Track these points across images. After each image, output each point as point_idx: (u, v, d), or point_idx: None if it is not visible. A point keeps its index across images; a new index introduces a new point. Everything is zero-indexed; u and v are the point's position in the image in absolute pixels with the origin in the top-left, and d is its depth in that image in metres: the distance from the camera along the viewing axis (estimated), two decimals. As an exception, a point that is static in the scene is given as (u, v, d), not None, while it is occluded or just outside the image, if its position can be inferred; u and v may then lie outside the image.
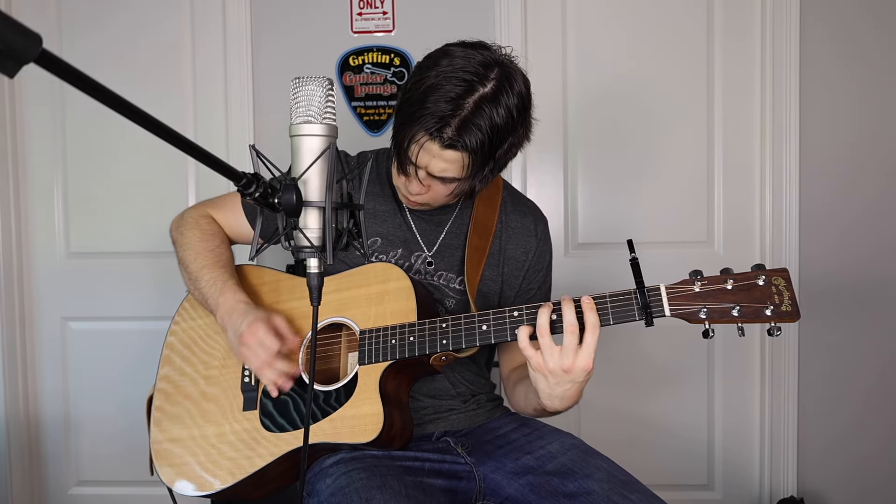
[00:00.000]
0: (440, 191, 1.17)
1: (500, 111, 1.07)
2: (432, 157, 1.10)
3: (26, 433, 2.26)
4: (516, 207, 1.36)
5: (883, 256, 2.09)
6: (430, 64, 1.10)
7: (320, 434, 1.13)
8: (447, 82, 1.06)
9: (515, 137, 1.13)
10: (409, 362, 1.16)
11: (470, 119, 1.06)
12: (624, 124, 2.14)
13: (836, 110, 2.08)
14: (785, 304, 0.97)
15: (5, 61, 0.43)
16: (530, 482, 1.14)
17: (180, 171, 2.19)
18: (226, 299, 1.20)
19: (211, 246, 1.29)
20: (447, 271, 1.29)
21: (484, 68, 1.07)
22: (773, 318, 0.97)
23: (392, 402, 1.14)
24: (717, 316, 0.99)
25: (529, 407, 1.22)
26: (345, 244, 0.83)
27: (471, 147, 1.07)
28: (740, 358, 2.17)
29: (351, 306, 1.21)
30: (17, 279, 2.22)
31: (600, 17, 2.12)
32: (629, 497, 1.06)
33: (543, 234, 1.36)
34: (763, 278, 0.99)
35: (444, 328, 1.12)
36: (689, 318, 1.00)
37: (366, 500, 1.01)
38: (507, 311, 1.09)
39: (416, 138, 1.09)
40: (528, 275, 1.34)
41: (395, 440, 1.15)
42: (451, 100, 1.05)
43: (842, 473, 2.15)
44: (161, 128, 0.58)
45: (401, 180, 1.19)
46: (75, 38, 2.19)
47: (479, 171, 1.12)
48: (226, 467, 1.18)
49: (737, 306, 0.98)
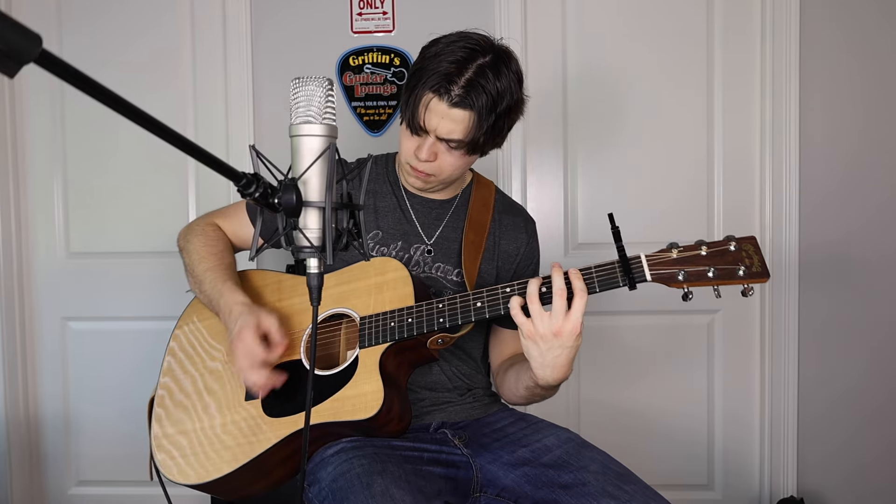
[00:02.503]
0: (446, 160, 1.23)
1: (500, 78, 1.17)
2: (441, 118, 1.17)
3: (26, 433, 2.26)
4: (507, 209, 1.44)
5: (883, 256, 2.09)
6: (432, 42, 1.22)
7: (323, 414, 1.15)
8: (449, 50, 1.17)
9: (514, 102, 1.21)
10: (407, 345, 1.20)
11: (474, 79, 1.15)
12: (624, 124, 2.14)
13: (837, 102, 2.08)
14: (755, 265, 1.06)
15: (5, 61, 0.43)
16: (526, 473, 1.16)
17: (180, 171, 2.20)
18: (225, 301, 1.24)
19: (214, 250, 1.35)
20: (444, 263, 1.34)
21: (482, 43, 1.19)
22: (745, 279, 1.06)
23: (392, 384, 1.17)
24: (694, 278, 1.07)
25: (521, 387, 1.25)
26: (344, 244, 0.83)
27: (477, 106, 1.15)
28: (740, 358, 2.17)
29: (351, 297, 1.25)
30: (17, 279, 2.22)
31: (600, 19, 2.12)
32: (624, 488, 1.08)
33: (532, 232, 1.45)
34: (734, 244, 1.07)
35: (441, 308, 1.17)
36: (668, 281, 1.08)
37: (366, 484, 1.03)
38: (500, 288, 1.15)
39: (424, 100, 1.16)
40: (519, 268, 1.42)
41: (394, 422, 1.17)
42: (455, 62, 1.15)
43: (842, 473, 2.15)
44: (161, 128, 0.58)
45: (410, 150, 1.24)
46: (75, 37, 2.19)
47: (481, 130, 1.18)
48: (228, 454, 1.19)
49: (711, 268, 1.06)
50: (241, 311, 1.20)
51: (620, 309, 2.14)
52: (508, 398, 1.36)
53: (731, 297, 2.06)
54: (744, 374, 2.18)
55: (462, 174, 1.32)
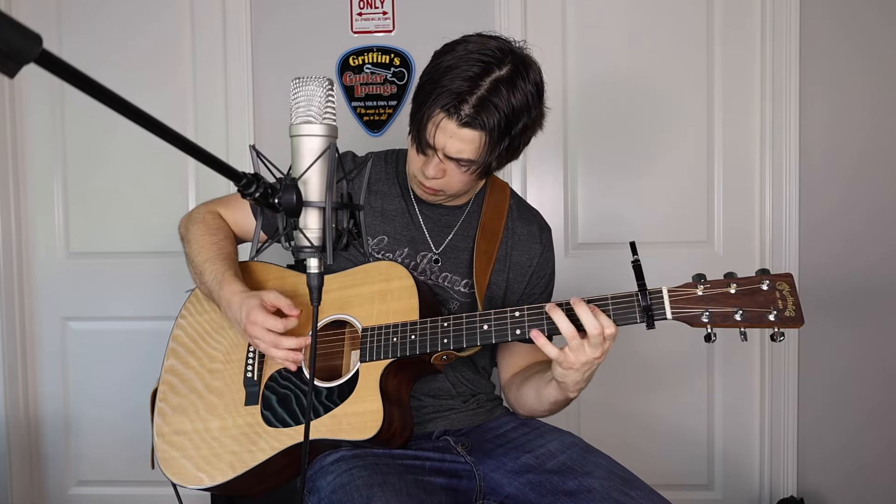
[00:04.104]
0: (455, 177, 1.17)
1: (516, 93, 1.09)
2: (449, 136, 1.11)
3: (26, 433, 2.26)
4: (522, 215, 1.37)
5: (884, 254, 2.09)
6: (446, 49, 1.13)
7: (321, 430, 1.14)
8: (464, 62, 1.08)
9: (530, 121, 1.14)
10: (410, 361, 1.17)
11: (487, 98, 1.07)
12: (624, 124, 2.13)
13: (837, 101, 2.08)
14: (789, 309, 0.96)
15: (5, 61, 0.43)
16: (530, 480, 1.14)
17: (180, 171, 2.19)
18: (224, 293, 1.21)
19: (215, 240, 1.31)
20: (452, 273, 1.30)
21: (500, 53, 1.10)
22: (776, 324, 0.96)
23: (392, 400, 1.14)
24: (720, 320, 0.98)
25: (545, 402, 1.21)
26: (345, 244, 0.83)
27: (488, 126, 1.08)
28: (740, 358, 2.17)
29: (354, 304, 1.21)
30: (17, 279, 2.22)
31: (600, 20, 2.12)
32: (629, 494, 1.06)
33: (548, 242, 1.37)
34: (767, 283, 0.97)
35: (446, 327, 1.12)
36: (691, 321, 1.00)
37: (367, 497, 1.01)
38: (509, 312, 1.09)
39: (433, 117, 1.10)
40: (532, 280, 1.35)
41: (395, 438, 1.15)
42: (468, 78, 1.07)
43: (842, 473, 2.15)
44: (161, 128, 0.58)
45: (417, 165, 1.19)
46: (75, 36, 2.19)
47: (494, 153, 1.13)
48: (227, 461, 1.18)
49: (739, 310, 0.97)
50: (241, 299, 1.17)
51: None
52: (529, 413, 1.30)
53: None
54: (744, 374, 2.17)
55: (471, 188, 1.27)
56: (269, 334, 1.11)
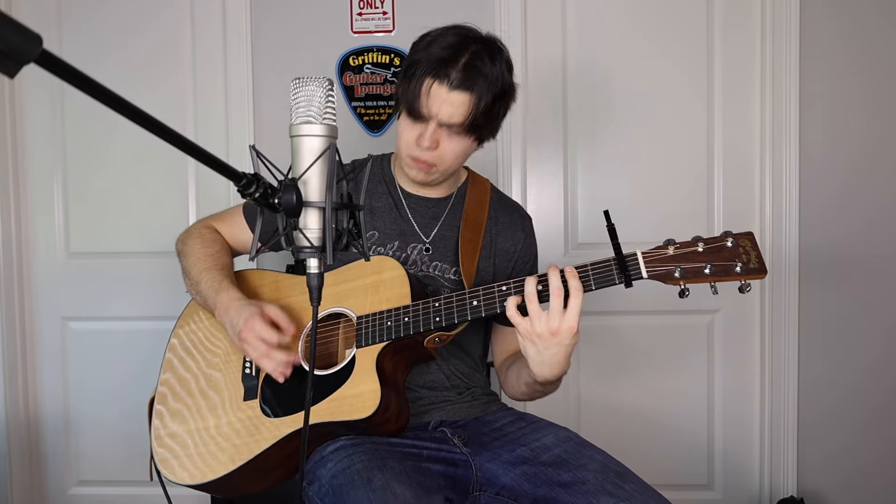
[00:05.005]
0: (448, 147, 1.24)
1: (494, 61, 1.21)
2: (441, 102, 1.19)
3: (26, 433, 2.26)
4: (503, 206, 1.45)
5: (885, 255, 2.09)
6: (422, 37, 1.27)
7: (321, 414, 1.15)
8: (441, 38, 1.21)
9: (508, 87, 1.25)
10: (404, 344, 1.20)
11: (471, 62, 1.19)
12: (624, 123, 2.14)
13: (837, 99, 2.08)
14: (752, 261, 1.05)
15: (5, 61, 0.43)
16: (525, 472, 1.16)
17: (180, 170, 2.20)
18: (221, 298, 1.24)
19: (210, 252, 1.35)
20: (442, 262, 1.35)
21: (470, 31, 1.24)
22: (742, 276, 1.05)
23: (389, 384, 1.17)
24: (691, 275, 1.06)
25: (521, 384, 1.27)
26: (345, 244, 0.83)
27: (476, 88, 1.18)
28: (740, 358, 2.17)
29: (348, 297, 1.25)
30: (17, 279, 2.22)
31: (600, 17, 2.12)
32: (623, 487, 1.08)
33: (529, 229, 1.45)
34: (731, 240, 1.06)
35: (438, 307, 1.17)
36: (664, 278, 1.07)
37: (367, 479, 1.03)
38: (496, 286, 1.15)
39: (424, 86, 1.19)
40: (517, 265, 1.42)
41: (392, 421, 1.17)
42: (450, 46, 1.19)
43: (842, 474, 2.15)
44: (161, 128, 0.58)
45: (411, 139, 1.25)
46: (75, 36, 2.19)
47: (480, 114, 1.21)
48: (228, 454, 1.19)
49: (708, 265, 1.06)
50: (239, 305, 1.20)
51: (621, 309, 2.14)
52: (512, 395, 1.37)
53: (730, 296, 2.07)
54: (744, 374, 2.18)
55: (461, 164, 1.33)
56: (263, 344, 1.15)
